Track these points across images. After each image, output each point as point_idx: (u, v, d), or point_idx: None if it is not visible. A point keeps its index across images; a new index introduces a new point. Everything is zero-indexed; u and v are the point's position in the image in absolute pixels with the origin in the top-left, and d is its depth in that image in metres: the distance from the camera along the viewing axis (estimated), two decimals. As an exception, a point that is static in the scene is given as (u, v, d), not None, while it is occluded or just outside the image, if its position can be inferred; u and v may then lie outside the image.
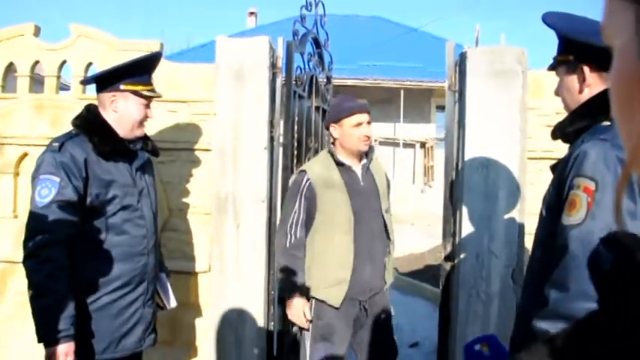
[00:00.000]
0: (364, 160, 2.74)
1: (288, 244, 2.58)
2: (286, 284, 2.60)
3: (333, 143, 2.75)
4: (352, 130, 2.62)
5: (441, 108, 15.43)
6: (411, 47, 16.52)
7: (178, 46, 20.87)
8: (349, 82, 13.39)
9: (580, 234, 1.35)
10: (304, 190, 2.59)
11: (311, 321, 2.59)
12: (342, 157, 2.67)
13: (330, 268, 2.56)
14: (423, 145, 15.39)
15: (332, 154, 2.68)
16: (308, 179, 2.61)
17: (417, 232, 12.50)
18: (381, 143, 15.19)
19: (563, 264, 1.37)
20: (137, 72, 2.27)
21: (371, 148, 2.75)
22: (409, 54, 16.02)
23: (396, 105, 14.80)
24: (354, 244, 2.57)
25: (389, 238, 2.77)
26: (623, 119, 0.41)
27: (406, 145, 15.26)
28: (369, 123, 2.67)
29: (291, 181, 2.78)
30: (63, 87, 3.80)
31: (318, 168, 2.66)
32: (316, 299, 2.59)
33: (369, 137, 2.66)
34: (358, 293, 2.61)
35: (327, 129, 2.77)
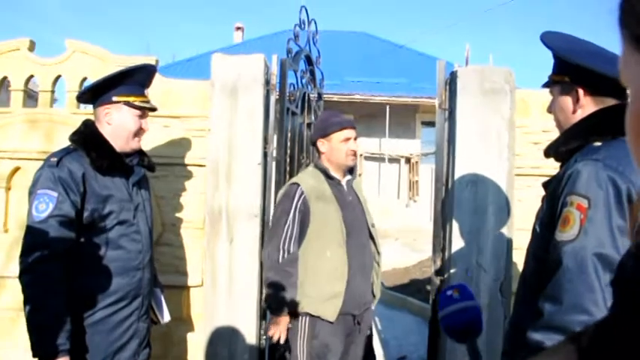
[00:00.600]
0: (348, 176, 2.79)
1: (280, 259, 2.54)
2: (276, 301, 2.54)
3: (318, 158, 2.78)
4: (340, 145, 2.67)
5: (426, 124, 15.58)
6: (396, 63, 16.70)
7: (164, 61, 20.83)
8: (335, 98, 13.47)
9: (573, 249, 1.39)
10: (299, 203, 2.58)
11: (286, 341, 2.58)
12: (331, 172, 2.71)
13: (324, 281, 2.55)
14: (408, 160, 15.49)
15: (321, 169, 2.71)
16: (302, 192, 2.60)
17: (402, 246, 12.57)
18: (366, 158, 15.27)
19: (557, 278, 1.41)
20: (128, 83, 2.29)
21: (355, 166, 2.80)
22: (395, 70, 16.18)
23: (382, 120, 14.90)
24: (347, 257, 2.58)
25: (377, 251, 2.81)
26: (637, 150, 0.48)
27: (391, 160, 15.36)
28: (355, 139, 2.73)
29: (281, 193, 2.74)
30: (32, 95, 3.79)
31: (310, 181, 2.67)
32: (310, 315, 2.56)
33: (355, 152, 2.72)
34: (352, 307, 2.61)
35: (314, 144, 2.79)
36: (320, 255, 2.57)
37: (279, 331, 2.54)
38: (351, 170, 2.81)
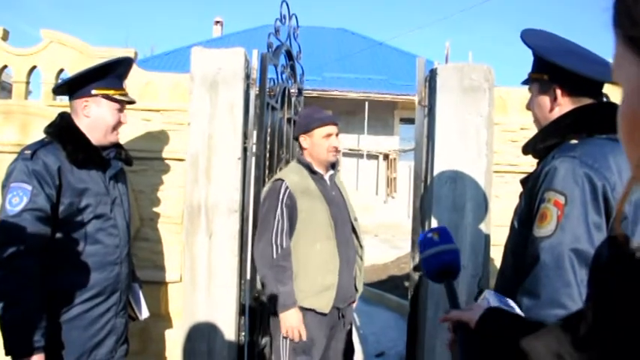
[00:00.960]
0: (331, 171, 2.82)
1: (275, 255, 2.54)
2: (280, 297, 2.52)
3: (301, 153, 2.82)
4: (322, 141, 2.71)
5: (404, 120, 15.70)
6: (375, 60, 16.77)
7: (142, 54, 20.57)
8: (314, 94, 13.48)
9: (550, 245, 1.42)
10: (284, 198, 2.60)
11: (292, 339, 2.56)
12: (314, 167, 2.74)
13: (316, 274, 2.57)
14: (386, 156, 15.58)
15: (305, 164, 2.73)
16: (287, 187, 2.62)
17: (381, 242, 12.64)
18: (345, 154, 15.30)
19: (534, 273, 1.44)
20: (108, 76, 2.26)
21: (337, 161, 2.83)
22: (374, 67, 16.26)
23: (361, 117, 14.96)
24: (337, 250, 2.61)
25: (360, 245, 2.84)
26: (630, 147, 0.50)
27: (370, 157, 15.42)
28: (337, 135, 2.77)
29: (265, 190, 2.76)
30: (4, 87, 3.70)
31: (294, 176, 2.69)
32: (302, 308, 2.57)
33: (337, 149, 2.75)
34: (339, 301, 2.63)
35: (297, 139, 2.82)
36: (310, 248, 2.59)
37: (293, 328, 2.51)
38: (333, 165, 2.83)
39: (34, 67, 3.36)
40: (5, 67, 3.38)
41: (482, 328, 1.12)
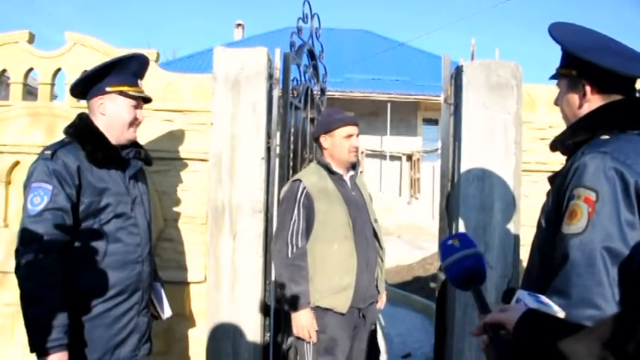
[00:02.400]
0: (351, 172, 2.81)
1: (290, 255, 2.55)
2: (292, 296, 2.53)
3: (321, 154, 2.81)
4: (343, 142, 2.71)
5: (427, 121, 15.58)
6: (397, 61, 16.69)
7: (165, 57, 20.80)
8: (336, 95, 13.46)
9: (581, 243, 1.36)
10: (302, 198, 2.60)
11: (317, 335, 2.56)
12: (333, 168, 2.73)
13: (333, 274, 2.56)
14: (409, 157, 15.48)
15: (324, 164, 2.73)
16: (304, 187, 2.62)
17: (405, 243, 12.55)
18: (367, 155, 15.26)
19: (565, 272, 1.39)
20: (121, 73, 2.25)
21: (358, 162, 2.82)
22: (396, 68, 16.18)
23: (383, 118, 14.90)
24: (355, 250, 2.59)
25: (380, 246, 2.81)
26: None
27: (393, 158, 15.34)
28: (357, 136, 2.76)
29: (284, 190, 2.76)
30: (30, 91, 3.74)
31: (312, 177, 2.69)
32: (321, 308, 2.56)
33: (357, 149, 2.75)
34: (359, 301, 2.62)
35: (317, 140, 2.81)
36: (328, 248, 2.58)
37: (304, 328, 2.52)
38: (354, 166, 2.81)
39: (58, 70, 3.39)
40: (31, 69, 3.42)
41: (520, 331, 1.07)
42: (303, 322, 2.53)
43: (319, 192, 2.62)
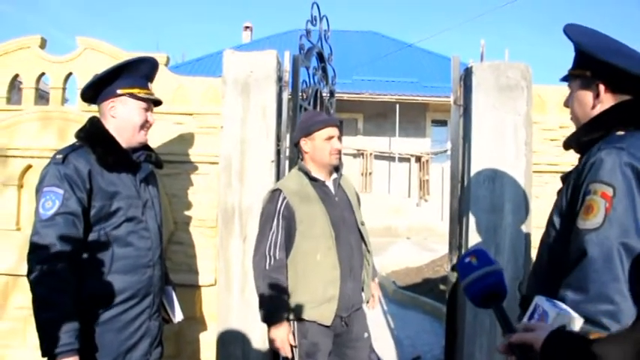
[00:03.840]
0: (334, 175, 2.71)
1: (267, 267, 2.47)
2: (269, 309, 2.47)
3: (302, 159, 2.71)
4: (324, 144, 2.59)
5: (436, 122, 15.53)
6: (406, 62, 16.64)
7: (174, 61, 20.90)
8: (345, 97, 13.44)
9: (598, 238, 1.37)
10: (281, 208, 2.51)
11: (296, 346, 2.50)
12: (315, 173, 2.63)
13: (317, 286, 2.48)
14: (418, 159, 15.43)
15: (304, 171, 2.63)
16: (284, 198, 2.53)
17: (414, 245, 12.52)
18: (376, 157, 15.23)
19: (581, 267, 1.39)
20: (131, 75, 2.26)
21: (340, 164, 2.72)
22: (404, 69, 16.13)
23: (392, 119, 14.86)
24: (338, 260, 2.52)
25: (368, 250, 2.75)
26: None
27: (401, 159, 15.30)
28: (339, 138, 2.66)
29: (264, 200, 2.66)
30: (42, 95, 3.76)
31: (292, 185, 2.60)
32: (304, 320, 2.49)
33: (339, 151, 2.64)
34: (341, 310, 2.54)
35: (297, 144, 2.71)
36: (310, 259, 2.50)
37: (279, 341, 2.44)
38: (337, 169, 2.72)
39: (69, 74, 3.42)
40: (43, 74, 3.45)
41: (548, 352, 1.06)
42: (277, 335, 2.45)
43: (300, 201, 2.54)
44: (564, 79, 1.75)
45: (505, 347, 1.20)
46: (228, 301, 3.02)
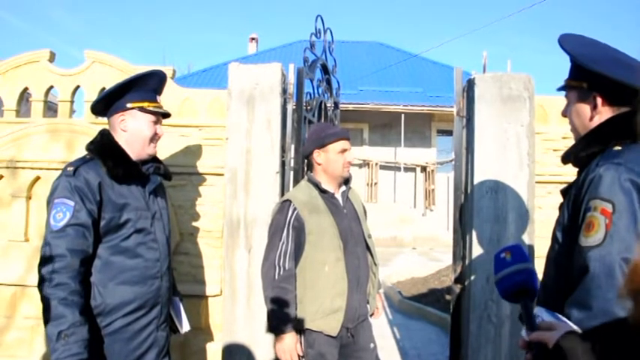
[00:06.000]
0: (343, 188, 2.74)
1: (277, 277, 2.49)
2: (277, 319, 2.48)
3: (311, 171, 2.74)
4: (337, 157, 2.63)
5: (441, 132, 15.54)
6: (411, 73, 16.71)
7: (180, 72, 21.05)
8: (350, 107, 13.49)
9: (600, 255, 1.37)
10: (292, 219, 2.54)
11: (303, 356, 2.51)
12: (325, 184, 2.66)
13: (324, 297, 2.50)
14: (423, 169, 15.43)
15: (314, 183, 2.66)
16: (295, 208, 2.55)
17: (419, 255, 12.49)
18: (382, 167, 15.24)
19: (584, 284, 1.39)
20: (141, 89, 2.31)
21: (350, 176, 2.75)
22: (409, 79, 16.19)
23: (397, 129, 14.89)
24: (345, 271, 2.54)
25: (374, 262, 2.77)
26: None
27: (407, 169, 15.31)
28: (350, 150, 2.70)
29: (273, 211, 2.69)
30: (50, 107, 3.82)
31: (301, 196, 2.62)
32: (311, 330, 2.51)
33: (351, 164, 2.69)
34: (348, 321, 2.56)
35: (308, 156, 2.74)
36: (318, 271, 2.52)
37: (287, 352, 2.45)
38: (346, 181, 2.75)
39: (77, 87, 3.47)
40: (51, 87, 3.51)
41: (558, 350, 1.08)
42: (285, 346, 2.46)
43: (310, 212, 2.56)
44: (561, 88, 1.74)
45: (525, 343, 1.22)
46: (233, 311, 3.04)
